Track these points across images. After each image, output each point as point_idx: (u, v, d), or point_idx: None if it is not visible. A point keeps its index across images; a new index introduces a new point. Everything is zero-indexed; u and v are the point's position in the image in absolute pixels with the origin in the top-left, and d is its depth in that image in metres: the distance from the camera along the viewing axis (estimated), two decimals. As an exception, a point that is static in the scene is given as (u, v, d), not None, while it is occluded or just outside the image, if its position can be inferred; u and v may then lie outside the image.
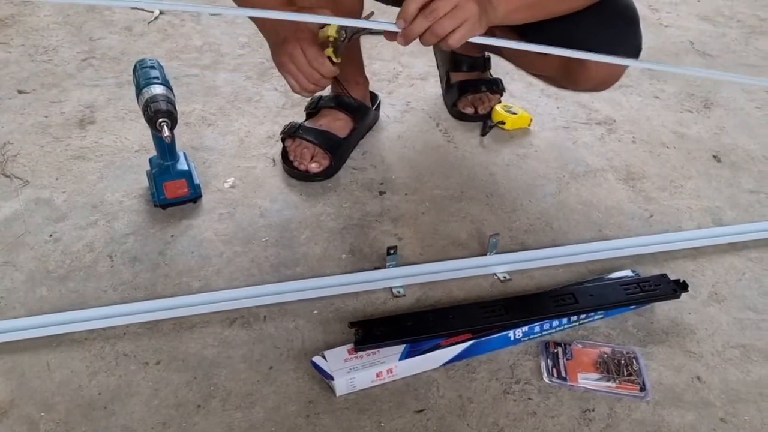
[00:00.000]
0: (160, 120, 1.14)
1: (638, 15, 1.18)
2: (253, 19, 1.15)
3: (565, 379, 0.98)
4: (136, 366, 0.99)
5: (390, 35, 0.92)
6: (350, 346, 0.98)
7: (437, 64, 1.67)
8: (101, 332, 1.03)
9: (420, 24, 0.89)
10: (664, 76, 1.82)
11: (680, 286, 1.10)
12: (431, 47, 1.68)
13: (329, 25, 1.01)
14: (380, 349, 0.98)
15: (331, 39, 1.04)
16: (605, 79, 1.22)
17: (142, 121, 1.19)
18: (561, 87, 1.37)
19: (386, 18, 1.87)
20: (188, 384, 0.96)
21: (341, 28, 1.02)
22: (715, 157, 1.51)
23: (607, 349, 1.02)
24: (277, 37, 1.10)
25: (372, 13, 1.09)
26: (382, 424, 0.92)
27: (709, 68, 1.87)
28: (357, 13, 1.27)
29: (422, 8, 0.88)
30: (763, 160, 1.50)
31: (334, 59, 1.07)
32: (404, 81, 1.73)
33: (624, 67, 1.21)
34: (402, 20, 0.89)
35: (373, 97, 1.54)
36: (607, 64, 1.16)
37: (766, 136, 1.59)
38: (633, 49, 1.18)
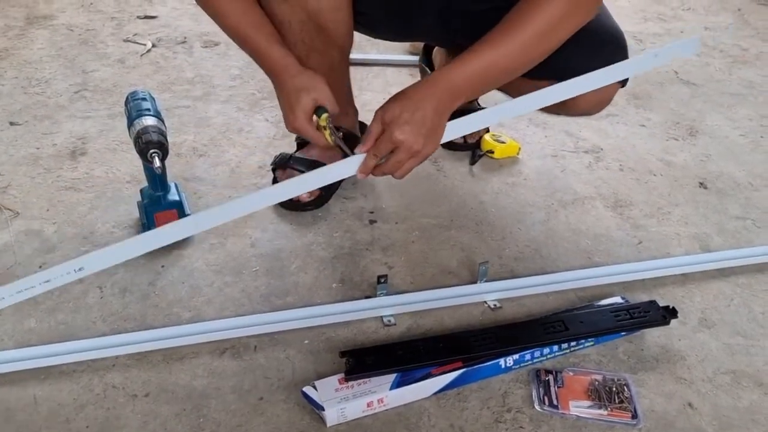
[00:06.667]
0: (152, 151, 1.15)
1: (625, 40, 1.21)
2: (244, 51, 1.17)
3: (556, 407, 0.98)
4: (124, 398, 0.98)
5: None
6: (341, 375, 0.98)
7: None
8: (90, 364, 1.02)
9: (369, 167, 1.02)
10: (650, 105, 1.85)
11: (670, 313, 1.10)
12: (419, 75, 1.72)
13: (323, 111, 1.05)
14: (371, 379, 0.97)
15: (323, 125, 1.05)
16: (598, 102, 1.23)
17: (134, 152, 1.19)
18: (552, 113, 1.39)
19: (374, 49, 1.87)
20: (177, 416, 0.95)
21: (329, 120, 1.05)
22: (701, 184, 1.53)
23: (599, 377, 1.02)
24: (278, 94, 1.11)
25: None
26: (373, 455, 0.91)
27: (694, 97, 1.91)
28: (347, 47, 1.29)
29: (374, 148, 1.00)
30: (748, 186, 1.52)
31: (328, 139, 1.07)
32: (394, 111, 1.75)
33: (614, 90, 1.23)
34: (361, 173, 1.02)
35: (363, 127, 1.56)
36: (598, 89, 1.18)
37: (751, 163, 1.62)
38: None
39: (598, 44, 1.17)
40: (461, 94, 1.02)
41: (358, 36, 1.30)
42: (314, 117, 1.05)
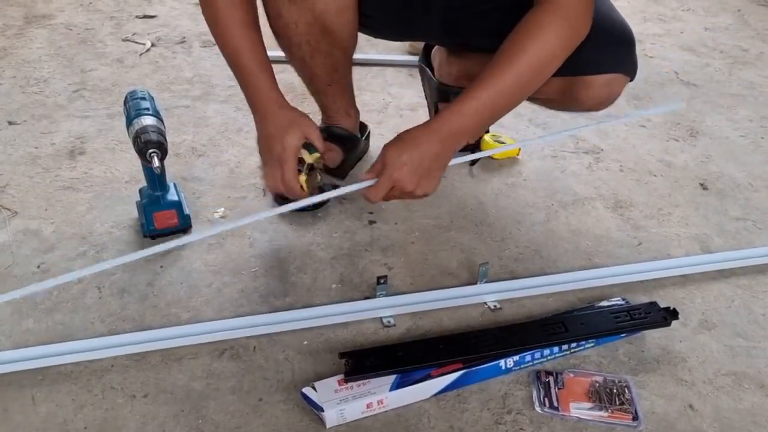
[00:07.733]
0: (150, 151, 1.14)
1: (634, 37, 1.20)
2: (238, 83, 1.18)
3: (557, 408, 0.98)
4: (123, 399, 0.97)
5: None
6: (340, 377, 0.97)
7: (425, 95, 1.69)
8: (88, 365, 1.02)
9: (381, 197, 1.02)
10: (650, 106, 1.85)
11: (670, 314, 1.10)
12: (418, 75, 1.71)
13: (312, 150, 1.05)
14: (370, 380, 0.97)
15: (307, 164, 1.05)
16: (607, 97, 1.22)
17: (133, 152, 1.19)
18: (560, 109, 1.37)
19: (373, 49, 1.87)
20: (176, 417, 0.95)
21: (320, 161, 1.06)
22: (701, 185, 1.53)
23: (599, 378, 1.02)
24: (262, 129, 1.10)
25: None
26: (373, 457, 0.91)
27: (694, 98, 1.91)
28: (351, 48, 1.29)
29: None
30: (748, 187, 1.52)
31: (304, 186, 1.07)
32: (393, 112, 1.75)
33: (622, 87, 1.22)
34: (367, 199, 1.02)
35: (363, 127, 1.55)
36: (607, 82, 1.18)
37: (751, 164, 1.61)
38: (632, 68, 1.20)
39: (610, 43, 1.16)
40: (463, 138, 1.04)
41: (361, 37, 1.30)
42: (305, 152, 1.05)
